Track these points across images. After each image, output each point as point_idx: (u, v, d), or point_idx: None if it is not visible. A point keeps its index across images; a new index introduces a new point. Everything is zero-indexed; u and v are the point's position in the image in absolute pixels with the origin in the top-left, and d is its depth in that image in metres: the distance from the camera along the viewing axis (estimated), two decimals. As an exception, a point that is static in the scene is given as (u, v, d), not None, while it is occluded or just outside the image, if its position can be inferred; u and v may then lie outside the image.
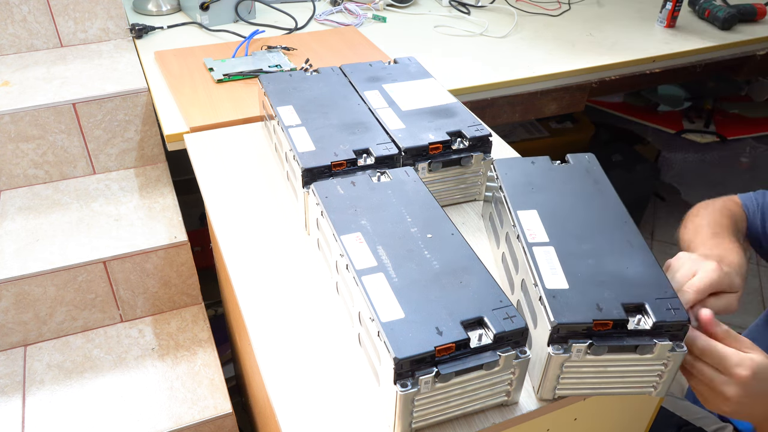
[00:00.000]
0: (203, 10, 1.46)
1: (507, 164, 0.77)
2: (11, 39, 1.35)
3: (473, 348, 0.56)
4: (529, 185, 0.74)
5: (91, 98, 1.21)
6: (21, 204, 1.22)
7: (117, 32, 1.42)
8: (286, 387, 0.64)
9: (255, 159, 0.98)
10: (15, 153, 1.22)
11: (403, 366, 0.54)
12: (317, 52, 1.36)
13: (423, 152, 0.83)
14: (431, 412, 0.58)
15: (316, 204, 0.74)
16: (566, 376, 0.60)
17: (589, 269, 0.62)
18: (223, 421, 1.06)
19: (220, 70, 1.23)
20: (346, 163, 0.79)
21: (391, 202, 0.72)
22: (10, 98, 1.20)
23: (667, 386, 0.62)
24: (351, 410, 0.62)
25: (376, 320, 0.57)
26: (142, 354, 1.14)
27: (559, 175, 0.76)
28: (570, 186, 0.74)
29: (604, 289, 0.60)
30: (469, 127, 0.86)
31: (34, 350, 1.14)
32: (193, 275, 1.21)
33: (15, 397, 1.06)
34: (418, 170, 0.82)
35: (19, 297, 1.09)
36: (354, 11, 1.58)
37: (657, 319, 0.57)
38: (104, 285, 1.14)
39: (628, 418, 0.77)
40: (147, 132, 1.29)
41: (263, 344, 0.68)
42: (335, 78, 1.00)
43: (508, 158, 0.79)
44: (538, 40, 1.53)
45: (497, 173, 0.76)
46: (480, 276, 0.62)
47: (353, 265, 0.63)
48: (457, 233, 0.68)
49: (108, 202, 1.23)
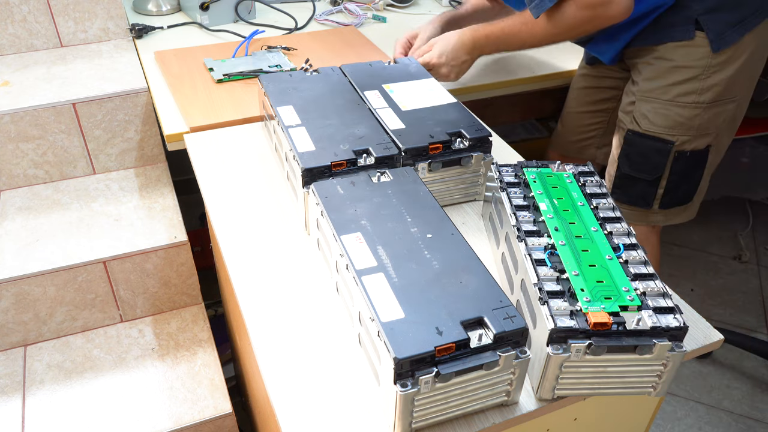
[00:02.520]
0: (203, 10, 1.46)
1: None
2: (11, 39, 1.35)
3: (473, 348, 0.56)
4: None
5: (91, 98, 1.21)
6: (21, 204, 1.22)
7: (117, 32, 1.43)
8: (286, 387, 0.64)
9: (255, 159, 0.98)
10: (15, 153, 1.22)
11: (403, 366, 0.54)
12: (317, 52, 1.36)
13: (423, 152, 0.83)
14: (431, 412, 0.58)
15: (316, 204, 0.74)
16: (565, 376, 0.60)
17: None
18: (223, 421, 1.06)
19: (220, 70, 1.23)
20: (346, 163, 0.79)
21: (391, 202, 0.72)
22: (10, 98, 1.20)
23: (667, 386, 0.62)
24: (351, 410, 0.62)
25: (376, 320, 0.57)
26: (142, 354, 1.14)
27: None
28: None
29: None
30: (469, 127, 0.86)
31: (34, 350, 1.14)
32: (193, 275, 1.21)
33: (15, 397, 1.06)
34: (418, 170, 0.82)
35: (19, 297, 1.09)
36: (354, 11, 1.58)
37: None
38: (104, 285, 1.14)
39: (628, 418, 0.77)
40: (147, 132, 1.29)
41: (263, 344, 0.68)
42: (335, 78, 1.00)
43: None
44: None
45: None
46: (480, 276, 0.62)
47: (353, 265, 0.63)
48: (457, 233, 0.68)
49: (108, 202, 1.23)
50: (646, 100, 1.09)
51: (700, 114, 1.06)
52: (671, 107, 1.06)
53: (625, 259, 0.65)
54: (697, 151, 1.10)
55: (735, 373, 1.64)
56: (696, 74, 1.04)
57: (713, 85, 1.04)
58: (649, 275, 0.63)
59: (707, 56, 1.02)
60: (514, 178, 0.77)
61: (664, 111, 1.07)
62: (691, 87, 1.04)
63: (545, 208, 0.72)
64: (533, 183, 0.76)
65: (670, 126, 1.07)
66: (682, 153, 1.09)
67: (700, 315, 0.73)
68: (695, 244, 2.06)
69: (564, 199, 0.73)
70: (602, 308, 0.59)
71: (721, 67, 1.03)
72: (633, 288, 0.61)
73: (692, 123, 1.07)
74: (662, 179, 1.13)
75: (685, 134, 1.07)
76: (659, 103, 1.07)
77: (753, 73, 1.10)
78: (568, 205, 0.72)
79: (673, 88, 1.05)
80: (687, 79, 1.04)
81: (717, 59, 1.02)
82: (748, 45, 1.03)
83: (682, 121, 1.06)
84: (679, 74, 1.05)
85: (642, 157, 1.13)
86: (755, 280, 1.92)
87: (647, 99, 1.09)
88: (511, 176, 0.77)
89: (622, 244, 0.67)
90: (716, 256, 2.01)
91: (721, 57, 1.02)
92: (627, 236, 0.69)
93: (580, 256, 0.65)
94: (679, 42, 1.03)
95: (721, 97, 1.05)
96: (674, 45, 1.04)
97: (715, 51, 1.01)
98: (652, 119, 1.08)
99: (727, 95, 1.06)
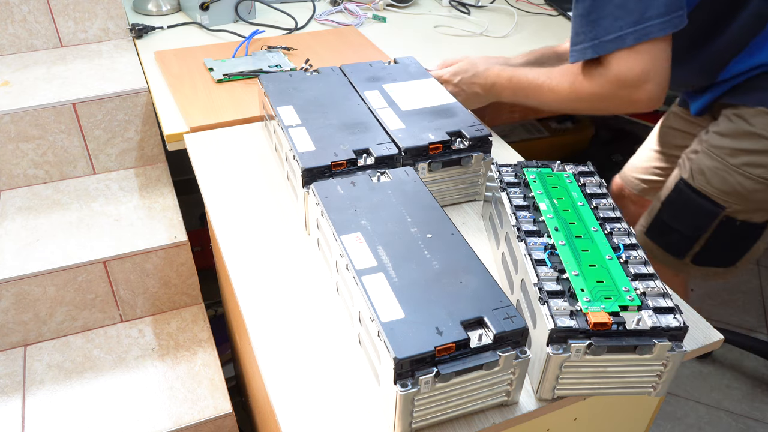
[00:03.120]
0: (203, 10, 1.46)
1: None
2: (11, 39, 1.35)
3: (473, 348, 0.56)
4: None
5: (91, 98, 1.21)
6: (21, 204, 1.22)
7: (117, 32, 1.43)
8: (286, 387, 0.64)
9: (255, 159, 0.98)
10: (15, 153, 1.22)
11: (403, 366, 0.54)
12: (317, 52, 1.36)
13: (423, 152, 0.83)
14: (431, 412, 0.58)
15: (316, 204, 0.74)
16: (565, 376, 0.60)
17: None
18: (223, 421, 1.06)
19: (220, 70, 1.23)
20: (346, 163, 0.79)
21: (391, 202, 0.72)
22: (10, 98, 1.20)
23: (667, 386, 0.62)
24: (351, 410, 0.62)
25: (376, 320, 0.57)
26: (142, 354, 1.14)
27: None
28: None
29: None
30: (469, 127, 0.86)
31: (34, 350, 1.14)
32: (193, 275, 1.21)
33: (15, 397, 1.06)
34: (418, 170, 0.82)
35: (19, 297, 1.09)
36: (354, 11, 1.58)
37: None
38: (104, 285, 1.14)
39: (628, 418, 0.77)
40: (147, 132, 1.29)
41: (263, 344, 0.68)
42: (335, 78, 1.00)
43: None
44: (538, 40, 1.52)
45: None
46: (480, 276, 0.62)
47: (353, 265, 0.63)
48: (457, 233, 0.68)
49: (108, 202, 1.23)
50: (710, 156, 0.99)
51: (763, 190, 0.96)
52: (734, 174, 0.97)
53: (625, 259, 0.65)
54: (750, 222, 1.00)
55: (735, 373, 1.64)
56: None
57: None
58: (649, 275, 0.63)
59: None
60: (514, 178, 0.77)
61: (725, 175, 0.97)
62: (762, 160, 0.94)
63: (545, 208, 0.72)
64: (533, 183, 0.76)
65: (726, 191, 0.98)
66: (731, 220, 0.99)
67: (700, 315, 0.74)
68: (695, 244, 2.05)
69: (564, 199, 0.73)
70: (602, 308, 0.59)
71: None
72: (633, 288, 0.61)
73: (752, 197, 0.97)
74: (701, 238, 1.04)
75: (741, 204, 0.98)
76: (722, 165, 0.98)
77: None
78: (568, 205, 0.72)
79: (743, 155, 0.96)
80: (760, 150, 0.94)
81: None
82: None
83: (741, 192, 0.97)
84: (755, 142, 0.95)
85: (686, 210, 1.04)
86: (755, 280, 1.92)
87: (711, 155, 0.99)
88: (511, 176, 0.78)
89: (622, 244, 0.67)
90: (716, 256, 2.01)
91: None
92: (627, 236, 0.69)
93: (580, 256, 0.65)
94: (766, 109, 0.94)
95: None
96: (760, 110, 0.94)
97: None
98: (709, 178, 0.99)
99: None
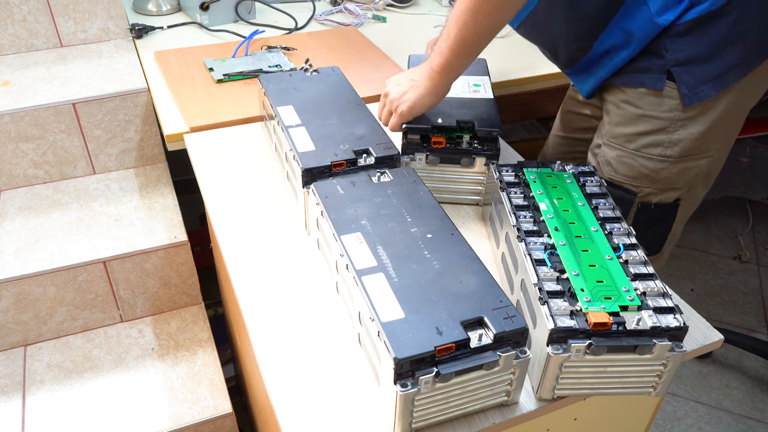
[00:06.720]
0: (203, 10, 1.46)
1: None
2: (11, 39, 1.35)
3: (473, 348, 0.56)
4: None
5: (91, 98, 1.21)
6: (21, 204, 1.22)
7: (117, 32, 1.42)
8: (286, 387, 0.64)
9: (255, 159, 0.98)
10: (15, 153, 1.22)
11: (403, 366, 0.54)
12: (317, 52, 1.36)
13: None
14: (431, 412, 0.58)
15: (316, 204, 0.74)
16: (565, 376, 0.60)
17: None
18: (223, 421, 1.06)
19: (220, 70, 1.23)
20: (346, 163, 0.79)
21: (391, 202, 0.72)
22: (10, 98, 1.20)
23: (667, 386, 0.62)
24: (351, 410, 0.62)
25: (376, 320, 0.57)
26: (142, 354, 1.14)
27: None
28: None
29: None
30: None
31: (34, 350, 1.14)
32: (193, 275, 1.21)
33: (15, 397, 1.06)
34: (415, 159, 0.83)
35: (19, 297, 1.09)
36: (354, 11, 1.58)
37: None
38: (104, 285, 1.14)
39: (628, 418, 0.77)
40: (147, 132, 1.29)
41: (263, 344, 0.68)
42: (335, 78, 1.00)
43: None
44: (538, 40, 1.52)
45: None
46: (480, 276, 0.62)
47: (353, 265, 0.63)
48: (457, 233, 0.68)
49: (108, 202, 1.23)
50: (611, 146, 1.00)
51: (667, 167, 0.96)
52: (636, 158, 0.97)
53: (625, 259, 0.65)
54: (664, 204, 1.00)
55: (735, 373, 1.64)
56: (663, 126, 0.94)
57: (682, 139, 0.94)
58: (649, 275, 0.63)
59: (676, 109, 0.92)
60: (514, 178, 0.77)
61: (629, 160, 0.98)
62: (658, 139, 0.95)
63: (545, 208, 0.72)
64: (533, 183, 0.76)
65: (634, 176, 0.98)
66: (646, 204, 1.00)
67: (700, 315, 0.74)
68: (695, 244, 2.06)
69: (564, 199, 0.73)
70: (602, 308, 0.59)
71: (690, 121, 0.93)
72: (633, 288, 0.61)
73: (658, 176, 0.97)
74: None
75: (650, 186, 0.98)
76: (624, 152, 0.98)
77: (731, 126, 0.98)
78: (568, 205, 0.72)
79: (639, 138, 0.96)
80: (654, 130, 0.95)
81: (687, 114, 0.92)
82: (724, 100, 0.92)
83: (647, 173, 0.97)
84: (646, 124, 0.95)
85: None
86: (755, 280, 1.92)
87: (612, 146, 1.00)
88: (511, 176, 0.78)
89: (622, 244, 0.67)
90: (716, 256, 2.01)
91: (692, 112, 0.92)
92: (627, 236, 0.69)
93: (580, 256, 0.65)
94: (649, 90, 0.93)
95: (691, 152, 0.95)
96: (644, 92, 0.94)
97: (686, 106, 0.91)
98: (615, 167, 1.00)
99: (698, 150, 0.95)
